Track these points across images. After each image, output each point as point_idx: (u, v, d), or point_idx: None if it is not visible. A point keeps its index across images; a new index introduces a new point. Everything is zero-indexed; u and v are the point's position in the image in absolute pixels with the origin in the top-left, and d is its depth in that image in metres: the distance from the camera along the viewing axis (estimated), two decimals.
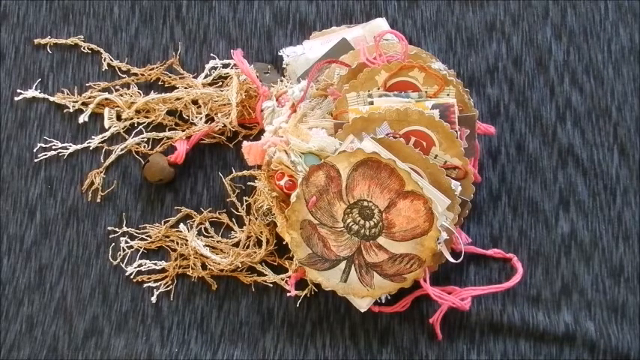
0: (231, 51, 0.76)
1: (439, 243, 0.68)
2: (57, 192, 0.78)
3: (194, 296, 0.76)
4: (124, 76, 0.80)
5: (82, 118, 0.79)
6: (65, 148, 0.79)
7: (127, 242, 0.77)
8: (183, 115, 0.78)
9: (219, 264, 0.75)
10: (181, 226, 0.76)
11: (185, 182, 0.78)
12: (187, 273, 0.76)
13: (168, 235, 0.77)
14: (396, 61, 0.70)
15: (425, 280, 0.69)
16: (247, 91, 0.76)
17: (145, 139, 0.78)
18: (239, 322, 0.76)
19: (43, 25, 0.81)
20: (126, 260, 0.77)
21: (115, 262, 0.77)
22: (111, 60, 0.80)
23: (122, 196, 0.78)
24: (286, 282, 0.75)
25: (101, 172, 0.78)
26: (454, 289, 0.71)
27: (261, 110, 0.74)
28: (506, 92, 0.79)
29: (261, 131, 0.75)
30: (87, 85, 0.80)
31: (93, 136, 0.79)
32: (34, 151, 0.79)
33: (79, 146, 0.79)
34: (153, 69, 0.80)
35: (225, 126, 0.76)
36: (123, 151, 0.78)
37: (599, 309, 0.75)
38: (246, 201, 0.77)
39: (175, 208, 0.78)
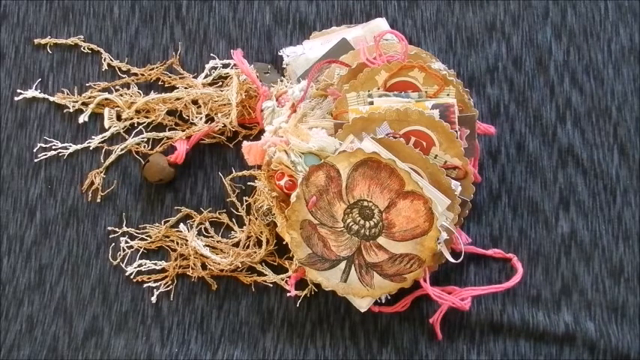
0: (231, 51, 0.76)
1: (439, 243, 0.68)
2: (57, 192, 0.78)
3: (194, 296, 0.76)
4: (124, 76, 0.80)
5: (82, 118, 0.79)
6: (65, 148, 0.79)
7: (127, 242, 0.77)
8: (183, 115, 0.78)
9: (219, 264, 0.75)
10: (181, 226, 0.76)
11: (185, 182, 0.78)
12: (187, 273, 0.76)
13: (168, 235, 0.77)
14: (396, 61, 0.70)
15: (425, 280, 0.69)
16: (247, 91, 0.76)
17: (145, 139, 0.78)
18: (239, 322, 0.76)
19: (43, 25, 0.81)
20: (126, 260, 0.77)
21: (115, 262, 0.77)
22: (111, 60, 0.80)
23: (122, 196, 0.78)
24: (286, 282, 0.75)
25: (101, 172, 0.78)
26: (454, 289, 0.71)
27: (261, 110, 0.74)
28: (506, 92, 0.79)
29: (261, 131, 0.75)
30: (87, 85, 0.80)
31: (93, 136, 0.79)
32: (34, 151, 0.79)
33: (79, 146, 0.79)
34: (153, 69, 0.80)
35: (225, 126, 0.76)
36: (123, 151, 0.78)
37: (599, 309, 0.75)
38: (246, 201, 0.77)
39: (175, 208, 0.78)
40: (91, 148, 0.79)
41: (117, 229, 0.77)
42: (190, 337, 0.76)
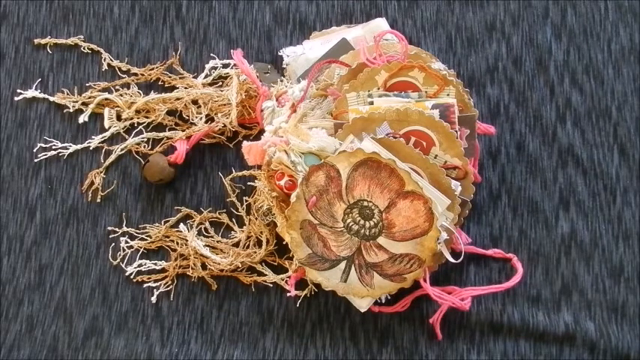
0: (231, 51, 0.76)
1: (439, 243, 0.68)
2: (57, 192, 0.78)
3: (194, 296, 0.76)
4: (124, 76, 0.80)
5: (82, 118, 0.79)
6: (65, 148, 0.79)
7: (127, 242, 0.77)
8: (183, 115, 0.78)
9: (219, 264, 0.75)
10: (181, 226, 0.76)
11: (185, 182, 0.78)
12: (187, 273, 0.76)
13: (168, 235, 0.77)
14: (396, 61, 0.70)
15: (425, 280, 0.69)
16: (247, 91, 0.76)
17: (145, 139, 0.78)
18: (239, 322, 0.76)
19: (43, 25, 0.81)
20: (126, 260, 0.77)
21: (115, 262, 0.77)
22: (111, 60, 0.80)
23: (122, 196, 0.78)
24: (286, 282, 0.75)
25: (101, 172, 0.78)
26: (454, 289, 0.71)
27: (261, 110, 0.74)
28: (506, 92, 0.79)
29: (261, 131, 0.75)
30: (87, 85, 0.80)
31: (93, 136, 0.79)
32: (34, 151, 0.79)
33: (79, 146, 0.79)
34: (153, 69, 0.80)
35: (225, 126, 0.76)
36: (123, 151, 0.78)
37: (599, 309, 0.75)
38: (246, 201, 0.77)
39: (175, 208, 0.78)
40: (91, 148, 0.79)
41: (117, 229, 0.77)
42: (190, 337, 0.76)
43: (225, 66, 0.79)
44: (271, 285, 0.76)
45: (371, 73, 0.70)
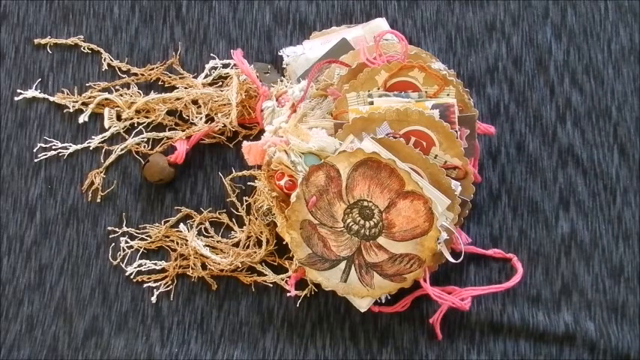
0: (231, 51, 0.76)
1: (439, 243, 0.68)
2: (57, 192, 0.78)
3: (194, 296, 0.76)
4: (124, 76, 0.80)
5: (82, 118, 0.79)
6: (65, 148, 0.79)
7: (127, 242, 0.77)
8: (183, 115, 0.78)
9: (219, 264, 0.75)
10: (181, 226, 0.76)
11: (185, 182, 0.78)
12: (187, 273, 0.76)
13: (168, 235, 0.77)
14: (396, 61, 0.70)
15: (425, 280, 0.69)
16: (247, 91, 0.76)
17: (145, 139, 0.78)
18: (239, 322, 0.76)
19: (43, 25, 0.81)
20: (126, 260, 0.77)
21: (115, 262, 0.77)
22: (111, 60, 0.80)
23: (122, 196, 0.78)
24: (286, 282, 0.75)
25: (101, 172, 0.78)
26: (454, 289, 0.71)
27: (261, 110, 0.74)
28: (506, 92, 0.79)
29: (261, 131, 0.75)
30: (87, 85, 0.80)
31: (93, 136, 0.79)
32: (34, 151, 0.79)
33: (79, 146, 0.79)
34: (153, 69, 0.80)
35: (225, 126, 0.76)
36: (123, 151, 0.78)
37: (599, 309, 0.75)
38: (246, 201, 0.77)
39: (175, 208, 0.78)
40: (91, 148, 0.79)
41: (117, 229, 0.77)
42: (190, 337, 0.76)
43: (225, 66, 0.79)
44: (271, 285, 0.76)
45: (371, 73, 0.70)
